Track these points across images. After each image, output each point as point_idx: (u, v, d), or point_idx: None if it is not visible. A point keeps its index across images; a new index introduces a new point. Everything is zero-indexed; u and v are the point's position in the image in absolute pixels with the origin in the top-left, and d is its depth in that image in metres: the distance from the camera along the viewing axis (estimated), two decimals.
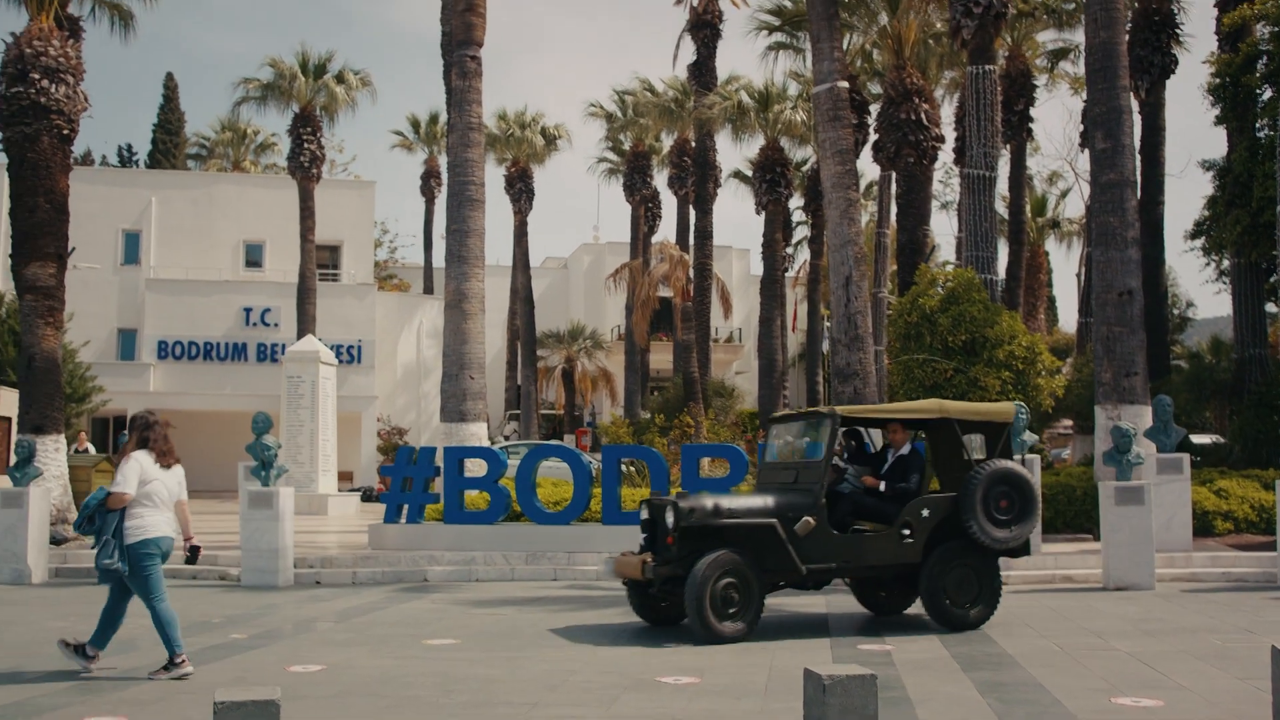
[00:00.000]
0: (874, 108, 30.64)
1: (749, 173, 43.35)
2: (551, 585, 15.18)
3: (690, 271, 42.81)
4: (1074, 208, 67.89)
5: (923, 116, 26.57)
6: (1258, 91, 24.16)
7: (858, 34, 28.85)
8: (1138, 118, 26.57)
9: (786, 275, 47.22)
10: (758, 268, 45.66)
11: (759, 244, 42.19)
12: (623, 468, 17.76)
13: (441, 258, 21.32)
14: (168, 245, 45.25)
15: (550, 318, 51.97)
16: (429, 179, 53.91)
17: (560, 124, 49.29)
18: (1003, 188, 35.07)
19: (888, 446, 11.98)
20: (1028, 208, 40.41)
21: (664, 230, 50.82)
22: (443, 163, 30.94)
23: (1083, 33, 20.87)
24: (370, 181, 51.04)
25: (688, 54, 43.96)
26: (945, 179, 48.67)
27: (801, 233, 51.12)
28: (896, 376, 21.24)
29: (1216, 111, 25.29)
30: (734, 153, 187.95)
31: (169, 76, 66.64)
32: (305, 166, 38.91)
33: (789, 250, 51.66)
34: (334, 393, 29.12)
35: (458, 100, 20.73)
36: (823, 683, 5.87)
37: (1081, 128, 21.80)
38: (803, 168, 43.67)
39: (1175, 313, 43.05)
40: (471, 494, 17.19)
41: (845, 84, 20.24)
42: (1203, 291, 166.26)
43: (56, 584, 15.95)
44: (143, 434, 9.09)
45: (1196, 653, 9.84)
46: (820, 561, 10.75)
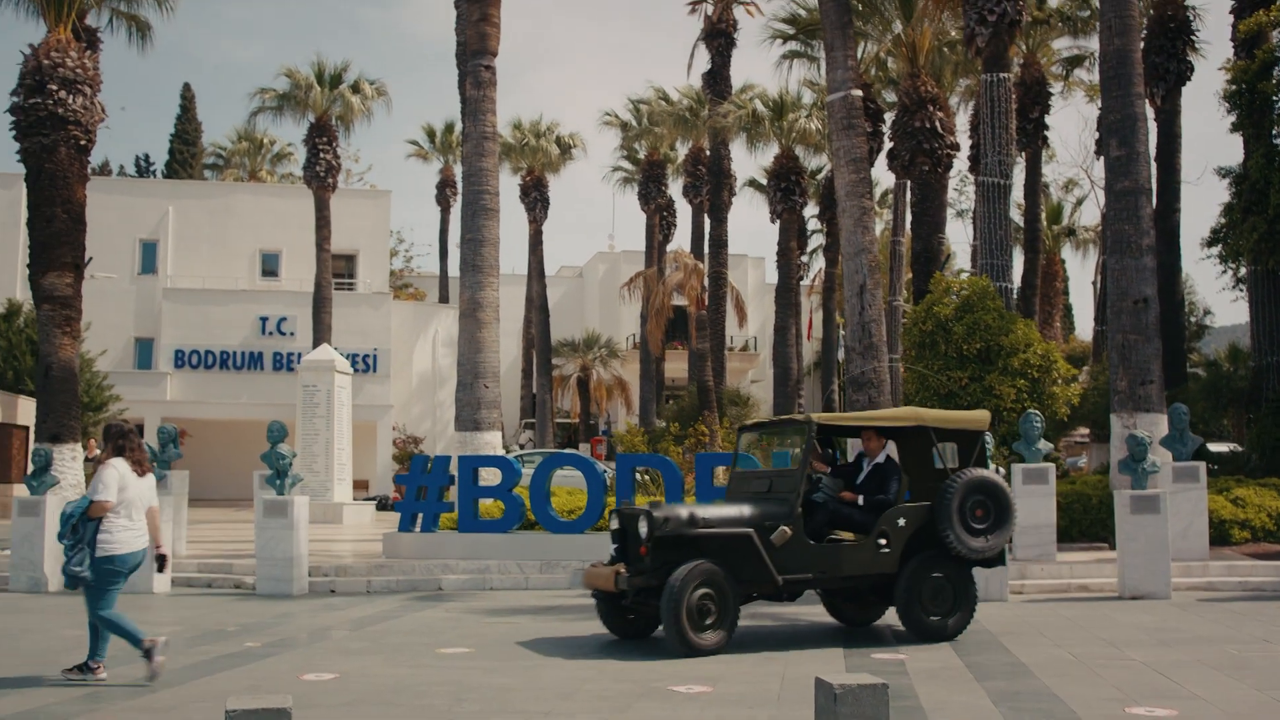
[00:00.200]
0: (888, 116, 30.64)
1: (764, 181, 43.39)
2: (566, 594, 15.17)
3: (705, 280, 42.84)
4: (1090, 215, 67.69)
5: (937, 124, 26.55)
6: (1274, 98, 24.02)
7: (872, 42, 28.85)
8: (1153, 125, 26.49)
9: (802, 284, 47.23)
10: (773, 276, 45.66)
11: (774, 252, 42.21)
12: (637, 476, 17.76)
13: (457, 267, 21.38)
14: (184, 255, 45.47)
15: (565, 326, 52.06)
16: (444, 188, 54.07)
17: (575, 133, 49.47)
18: (1018, 195, 35.04)
19: (862, 456, 11.70)
20: (1043, 215, 40.34)
21: (679, 239, 50.97)
22: (458, 172, 31.03)
23: (1097, 40, 20.83)
24: (386, 191, 51.28)
25: (702, 63, 44.05)
26: (960, 187, 48.68)
27: (817, 241, 51.16)
28: (912, 385, 21.20)
29: (1233, 118, 25.17)
30: (749, 161, 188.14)
31: (186, 87, 66.94)
32: (321, 176, 39.07)
33: (804, 259, 51.70)
34: (349, 401, 29.19)
35: (472, 110, 20.79)
36: (834, 692, 5.86)
37: (1097, 135, 21.74)
38: (818, 176, 43.68)
39: (1192, 320, 42.90)
40: (486, 503, 17.21)
41: (859, 92, 20.23)
42: (1220, 299, 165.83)
43: (72, 592, 15.97)
44: (118, 442, 9.26)
45: (1212, 662, 9.78)
46: (796, 572, 10.52)
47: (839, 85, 19.92)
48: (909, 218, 30.56)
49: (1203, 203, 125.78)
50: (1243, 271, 27.80)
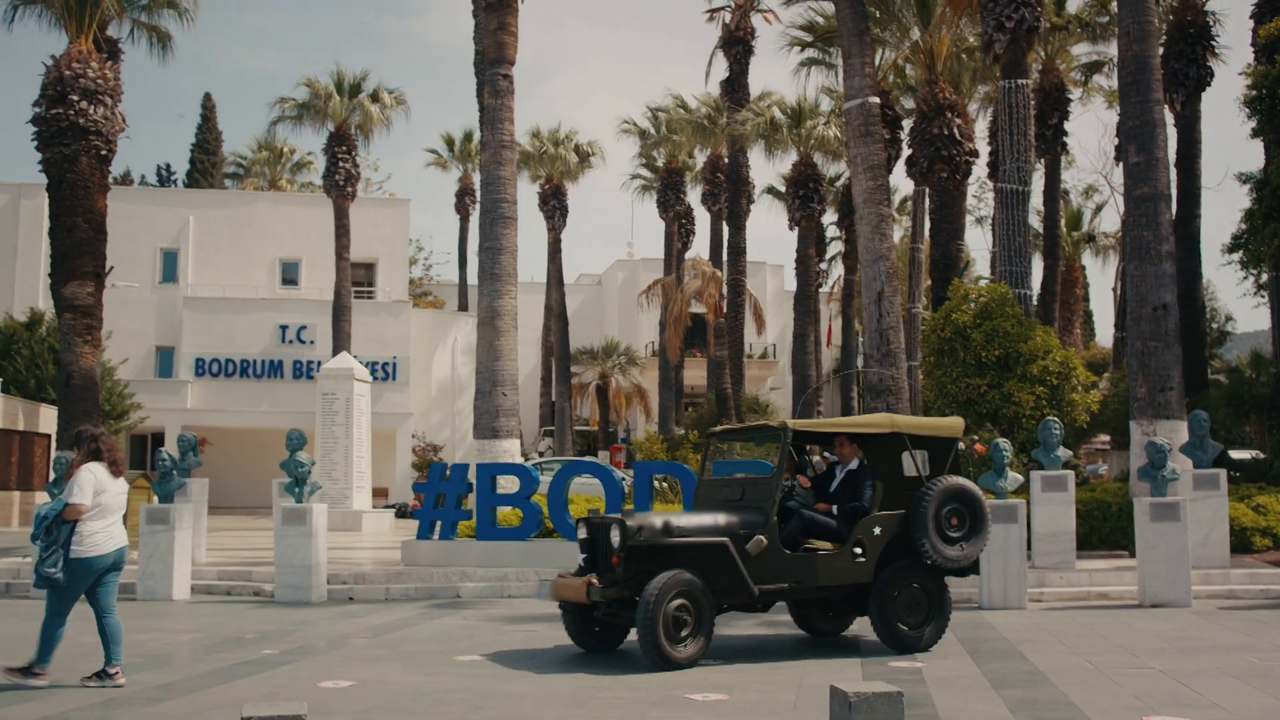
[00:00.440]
0: (907, 123, 30.61)
1: (782, 188, 43.39)
2: None
3: (723, 288, 42.85)
4: (1110, 221, 67.45)
5: (955, 131, 26.50)
6: None
7: (890, 49, 28.83)
8: (1173, 131, 26.41)
9: (821, 290, 47.18)
10: (792, 283, 45.66)
11: (793, 259, 42.19)
12: (655, 484, 17.76)
13: (476, 275, 21.43)
14: (205, 263, 45.72)
15: (585, 334, 52.12)
16: (463, 196, 54.21)
17: (594, 141, 49.54)
18: (1037, 202, 34.96)
19: (835, 463, 11.49)
20: (1063, 222, 40.19)
21: (698, 246, 50.97)
22: (477, 180, 31.07)
23: (1116, 46, 20.77)
24: (405, 199, 51.47)
25: (720, 70, 44.12)
26: (980, 193, 48.57)
27: (836, 248, 51.10)
28: (930, 392, 21.16)
29: (1253, 124, 25.04)
30: (767, 168, 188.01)
31: (207, 96, 67.44)
32: (340, 185, 39.24)
33: (823, 265, 51.64)
34: (368, 409, 29.28)
35: (490, 118, 20.85)
36: (849, 700, 5.85)
37: (1116, 141, 21.69)
38: (836, 183, 43.66)
39: (1214, 327, 42.66)
40: (504, 510, 17.24)
41: (877, 100, 20.22)
42: (1242, 305, 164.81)
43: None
44: (91, 446, 9.36)
45: (1233, 671, 9.72)
46: (772, 582, 10.24)
47: (856, 92, 19.92)
48: (928, 224, 30.49)
49: (1224, 208, 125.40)
50: (1264, 277, 27.66)
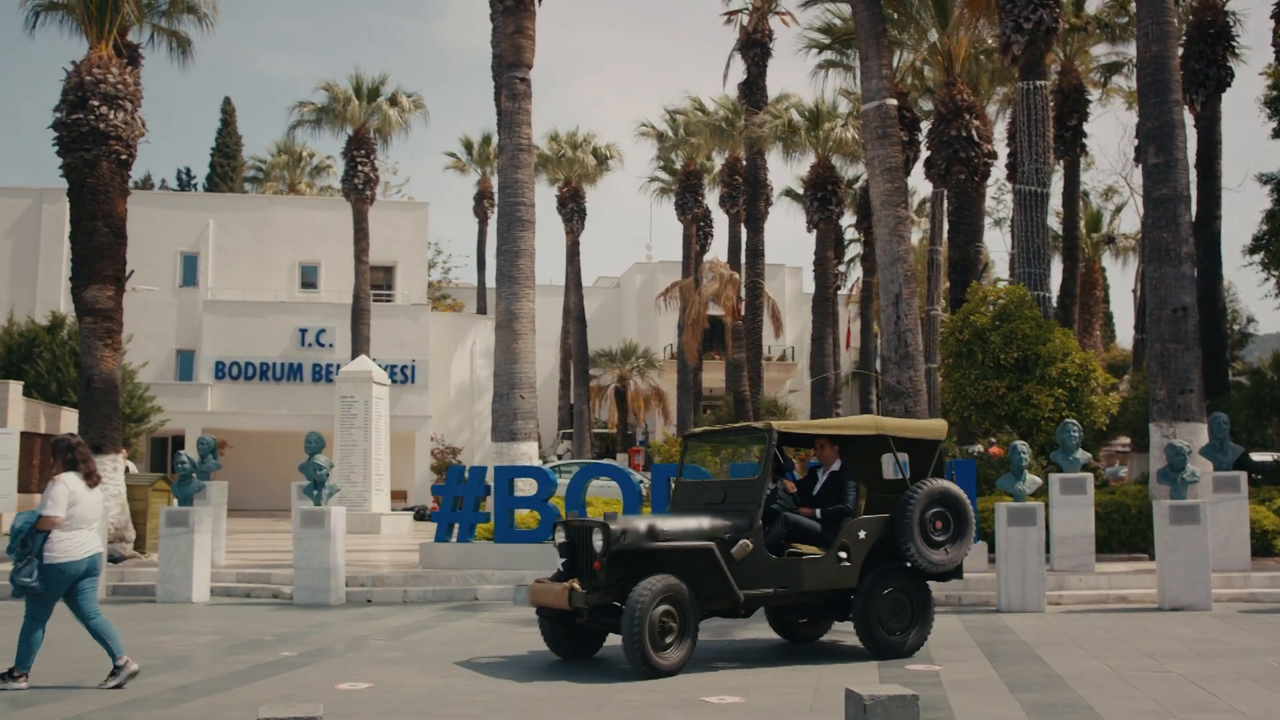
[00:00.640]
0: (925, 124, 30.54)
1: (800, 191, 43.34)
2: None
3: (741, 290, 42.83)
4: (1130, 223, 67.13)
5: (974, 133, 26.44)
6: None
7: (908, 51, 28.78)
8: (1193, 131, 26.27)
9: (839, 293, 47.09)
10: (810, 285, 45.60)
11: (811, 262, 42.15)
12: (672, 486, 17.72)
13: (494, 278, 21.49)
14: (225, 267, 45.89)
15: (603, 337, 52.15)
16: (482, 200, 54.30)
17: (612, 144, 49.50)
18: (1057, 204, 34.84)
19: (815, 466, 11.34)
20: (1082, 224, 40.07)
21: (716, 249, 50.92)
22: (495, 183, 31.20)
23: (1135, 47, 20.68)
24: (424, 203, 51.53)
25: (738, 73, 44.09)
26: (998, 195, 48.41)
27: (854, 250, 51.02)
28: (949, 394, 21.10)
29: (1274, 124, 24.93)
30: (785, 171, 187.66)
31: (226, 101, 67.52)
32: (359, 188, 39.34)
33: (842, 268, 51.54)
34: (387, 412, 29.36)
35: (507, 122, 20.90)
36: (864, 703, 5.85)
37: (1135, 142, 21.60)
38: (854, 185, 43.59)
39: (1235, 328, 42.39)
40: (522, 513, 17.26)
41: (894, 102, 20.20)
42: (1263, 306, 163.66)
43: (113, 601, 16.14)
44: (68, 456, 9.48)
45: (1252, 675, 9.68)
46: (757, 587, 10.04)
47: (874, 94, 19.90)
48: (946, 226, 30.41)
49: (1245, 209, 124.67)
50: None
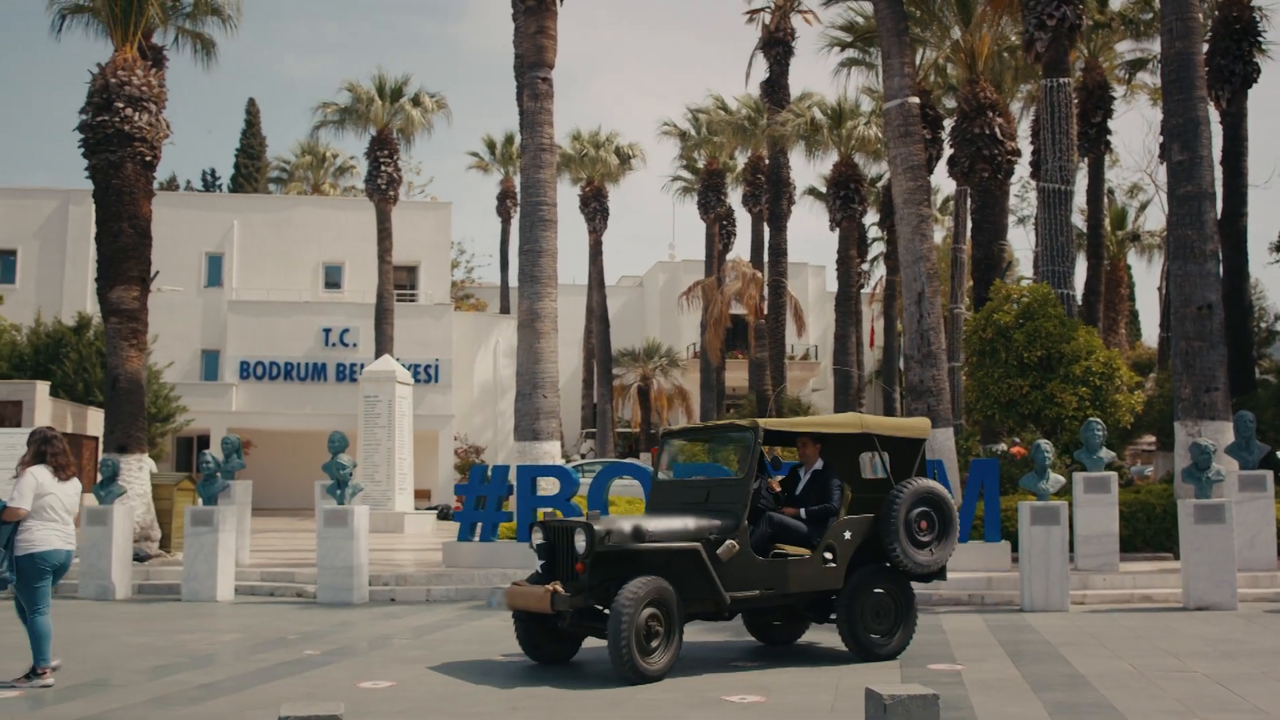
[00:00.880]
0: (948, 122, 30.42)
1: (823, 189, 43.24)
2: None
3: (764, 289, 42.77)
4: (1155, 220, 66.72)
5: (997, 131, 26.33)
6: None
7: (930, 48, 28.68)
8: (1219, 128, 26.10)
9: (863, 291, 46.96)
10: (833, 284, 45.50)
11: (834, 260, 42.06)
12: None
13: (517, 277, 21.53)
14: (249, 267, 46.13)
15: (626, 336, 52.15)
16: (505, 199, 54.38)
17: (634, 143, 49.56)
18: (1081, 201, 34.63)
19: (799, 465, 11.14)
20: (1107, 221, 39.84)
21: (739, 248, 50.90)
22: (518, 183, 31.26)
23: (1159, 43, 20.56)
24: (447, 203, 51.66)
25: (760, 71, 43.99)
26: (1022, 193, 48.20)
27: (878, 249, 50.89)
28: (972, 393, 21.04)
29: None
30: (808, 169, 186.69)
31: (251, 102, 67.84)
32: (383, 188, 39.45)
33: (865, 266, 51.44)
34: (410, 412, 29.44)
35: (529, 122, 20.92)
36: (884, 702, 5.84)
37: (1160, 139, 21.47)
38: (878, 183, 43.48)
39: (1262, 326, 42.13)
40: (544, 512, 17.26)
41: (916, 100, 20.12)
42: None
43: (139, 600, 16.29)
44: (40, 448, 9.58)
45: (1278, 675, 9.61)
46: (743, 589, 9.80)
47: (896, 93, 19.84)
48: (969, 224, 30.30)
49: (1272, 206, 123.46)
50: None
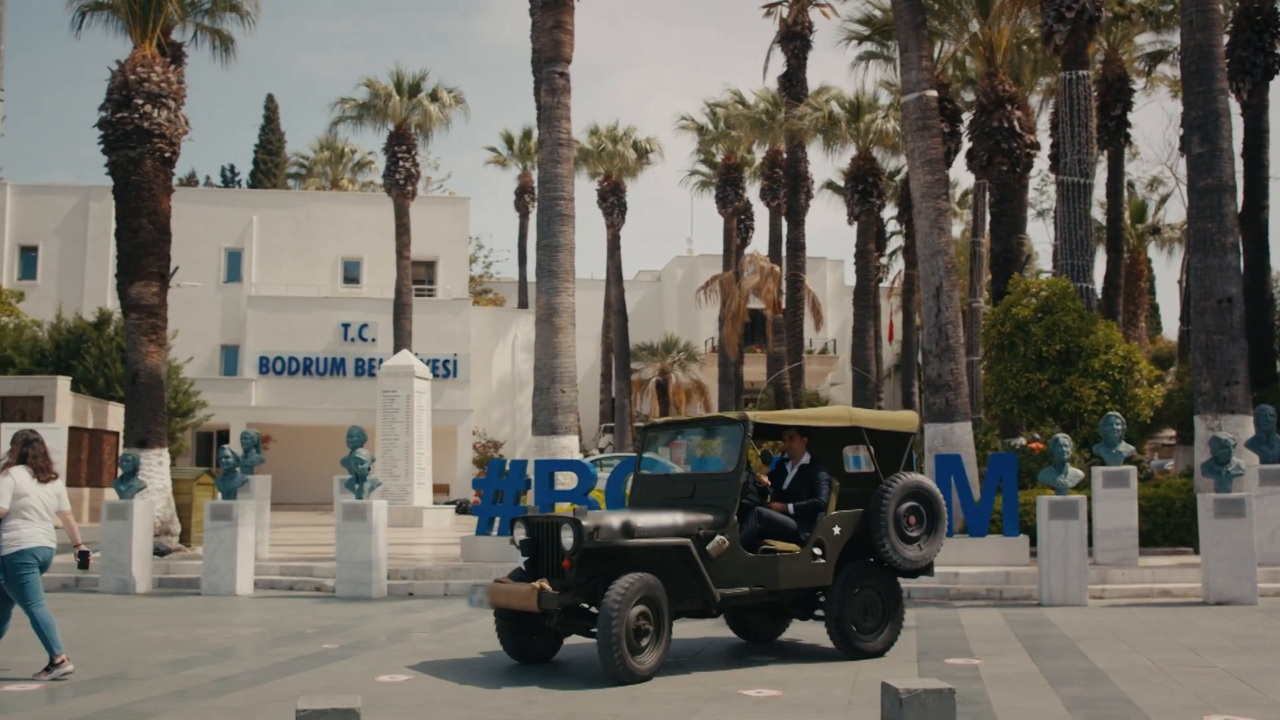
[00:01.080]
0: (966, 116, 30.32)
1: (841, 183, 43.18)
2: None
3: (781, 283, 42.72)
4: (1175, 213, 66.35)
5: (1015, 124, 26.21)
6: None
7: (949, 42, 28.55)
8: (1239, 120, 25.93)
9: (881, 285, 46.84)
10: (851, 278, 45.44)
11: (852, 254, 41.99)
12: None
13: (534, 272, 21.58)
14: (268, 263, 46.32)
15: (644, 330, 52.19)
16: (522, 194, 54.40)
17: (652, 137, 49.50)
18: (1101, 195, 34.50)
19: (785, 460, 10.98)
20: (1127, 214, 39.64)
21: (757, 242, 50.84)
22: (536, 178, 31.32)
23: (1179, 35, 20.45)
24: (465, 198, 51.76)
25: (778, 65, 43.99)
26: (1042, 187, 47.99)
27: (896, 243, 50.77)
28: (991, 387, 20.99)
29: None
30: (826, 163, 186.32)
31: (269, 98, 68.26)
32: (401, 184, 39.54)
33: (884, 260, 51.33)
34: (429, 406, 29.51)
35: (547, 116, 20.94)
36: (899, 697, 5.83)
37: (1180, 132, 21.35)
38: (896, 177, 43.39)
39: None
40: (562, 506, 17.30)
41: (934, 93, 20.05)
42: None
43: (159, 594, 16.38)
44: (23, 450, 9.69)
45: None
46: (733, 586, 9.58)
47: (913, 86, 19.77)
48: (988, 218, 30.20)
49: None
50: None
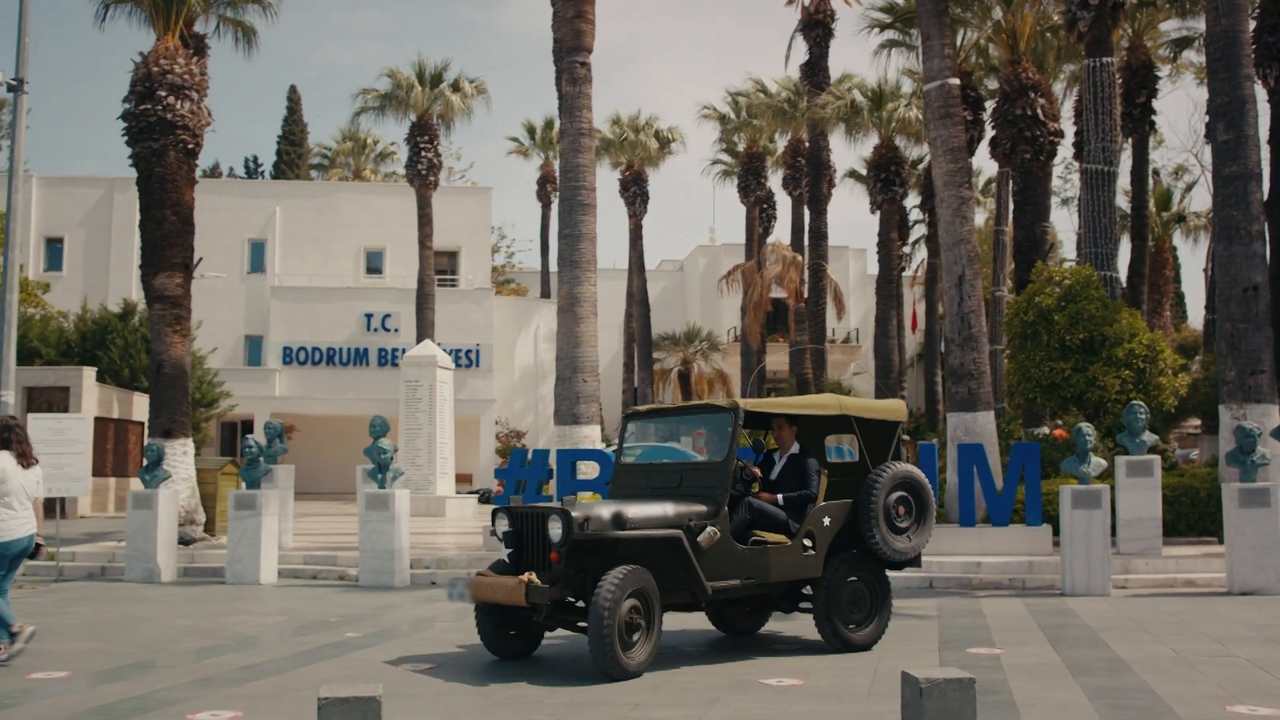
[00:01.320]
0: (990, 103, 30.18)
1: (864, 172, 43.03)
2: None
3: (804, 272, 42.63)
4: (1201, 201, 65.93)
5: (1039, 112, 26.08)
6: None
7: (972, 29, 28.41)
8: (1266, 107, 25.67)
9: (904, 274, 46.67)
10: (874, 267, 45.31)
11: (875, 243, 41.87)
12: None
13: (556, 262, 21.60)
14: (291, 254, 46.48)
15: (666, 320, 52.18)
16: (544, 184, 54.42)
17: (674, 127, 49.48)
18: (1125, 182, 34.29)
19: (773, 450, 10.84)
20: (1151, 202, 39.40)
21: (779, 231, 50.72)
22: (558, 168, 31.29)
23: (1205, 21, 20.29)
24: (487, 188, 51.86)
25: (800, 54, 43.82)
26: (1065, 174, 47.73)
27: (919, 231, 50.55)
28: (1014, 376, 20.91)
29: None
30: (848, 152, 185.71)
31: (292, 89, 68.30)
32: (423, 174, 39.58)
33: (906, 249, 51.15)
34: (451, 396, 29.60)
35: (568, 106, 20.93)
36: (919, 686, 5.82)
37: (1206, 119, 21.15)
38: (919, 165, 43.21)
39: None
40: (584, 496, 17.32)
41: (956, 81, 19.95)
42: None
43: (184, 583, 16.49)
44: (4, 435, 9.81)
45: None
46: (723, 578, 9.37)
47: (935, 74, 19.69)
48: (1011, 206, 30.06)
49: None
50: None
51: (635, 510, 9.23)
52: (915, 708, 5.81)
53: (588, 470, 17.69)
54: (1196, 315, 59.30)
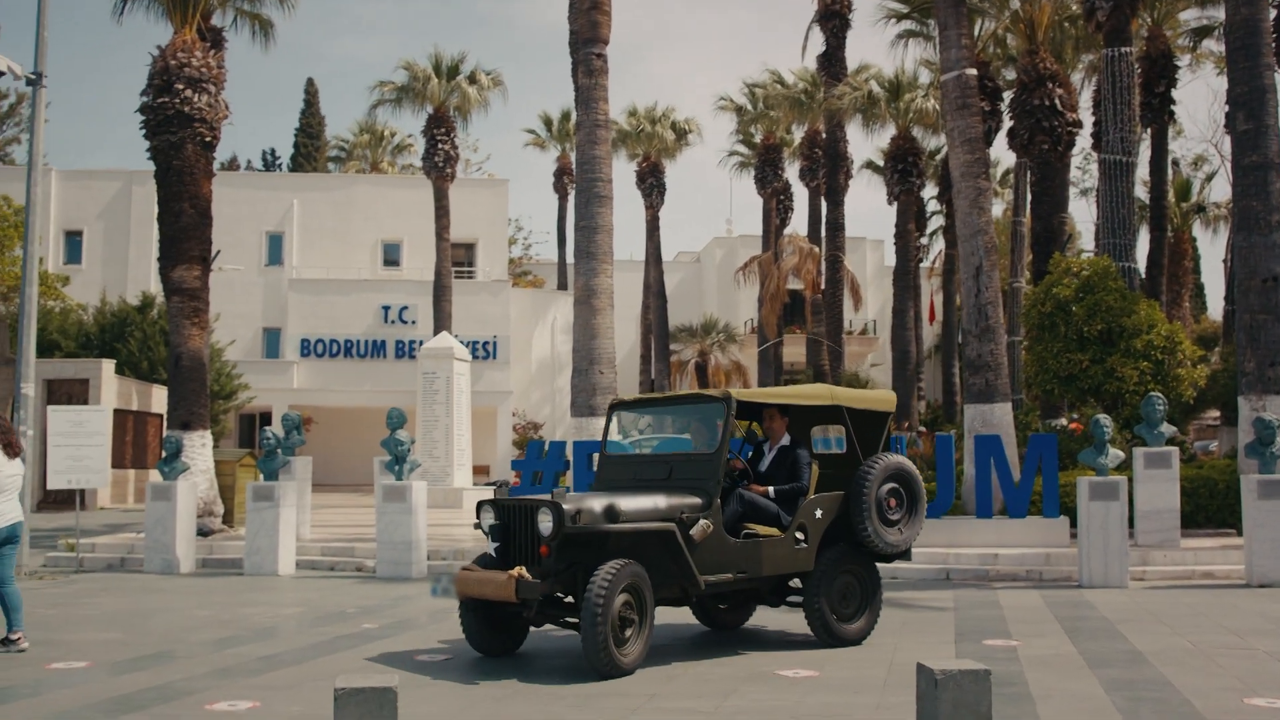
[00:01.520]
0: (1007, 94, 30.06)
1: (881, 163, 42.91)
2: None
3: (821, 264, 42.55)
4: (1221, 192, 65.58)
5: (1057, 102, 25.96)
6: None
7: (989, 19, 28.30)
8: None
9: (922, 266, 46.52)
10: (892, 258, 45.20)
11: (892, 234, 41.76)
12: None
13: (573, 254, 21.61)
14: (309, 246, 46.59)
15: (683, 311, 52.16)
16: (561, 176, 54.41)
17: (691, 118, 49.34)
18: (1144, 173, 34.09)
19: (762, 441, 10.68)
20: (1171, 193, 39.20)
21: (796, 223, 50.66)
22: (574, 160, 31.25)
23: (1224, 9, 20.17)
24: (504, 180, 51.77)
25: (817, 45, 43.63)
26: (1083, 165, 47.53)
27: (936, 222, 50.40)
28: (1031, 367, 20.85)
29: None
30: (865, 143, 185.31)
31: (309, 82, 68.41)
32: (440, 166, 39.60)
33: (924, 240, 50.99)
34: (468, 388, 29.62)
35: (584, 98, 20.92)
36: (935, 677, 5.82)
37: (1225, 108, 21.02)
38: (936, 156, 43.07)
39: None
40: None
41: (973, 71, 19.86)
42: None
43: (203, 574, 16.57)
44: None
45: None
46: (716, 572, 9.19)
47: (952, 65, 19.61)
48: (1029, 197, 29.95)
49: None
50: None
51: (628, 503, 8.98)
52: (931, 699, 5.82)
53: None
54: (1216, 306, 59.10)
